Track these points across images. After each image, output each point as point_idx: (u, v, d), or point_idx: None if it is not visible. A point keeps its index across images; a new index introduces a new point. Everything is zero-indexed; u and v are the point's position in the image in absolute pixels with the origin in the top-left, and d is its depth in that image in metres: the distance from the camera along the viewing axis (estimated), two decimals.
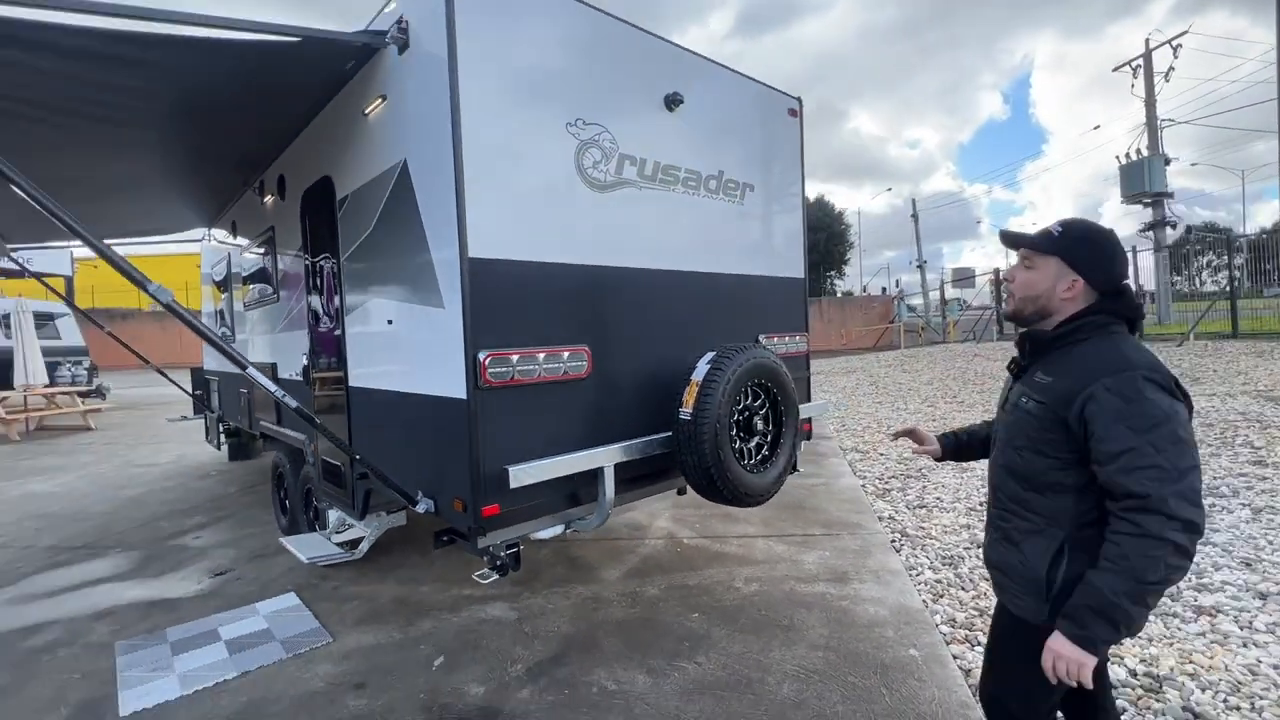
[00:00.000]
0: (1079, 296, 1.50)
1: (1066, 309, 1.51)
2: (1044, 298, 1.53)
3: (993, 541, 1.63)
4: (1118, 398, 1.32)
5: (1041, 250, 1.54)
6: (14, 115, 2.68)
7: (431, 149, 2.38)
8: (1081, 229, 1.53)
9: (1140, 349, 1.42)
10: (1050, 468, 1.45)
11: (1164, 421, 1.29)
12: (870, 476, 5.99)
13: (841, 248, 38.16)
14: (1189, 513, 1.25)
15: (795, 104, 3.84)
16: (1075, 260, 1.50)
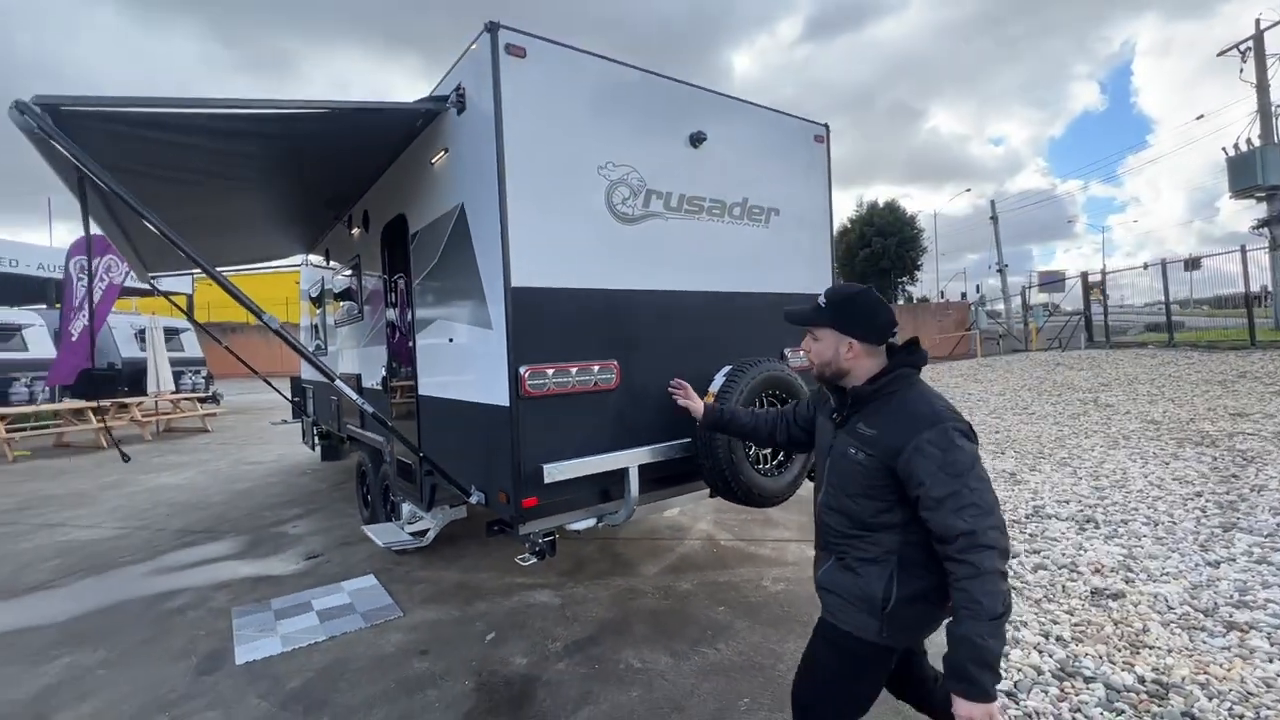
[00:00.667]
0: (860, 354, 1.70)
1: (860, 366, 1.71)
2: (833, 363, 1.73)
3: (827, 568, 1.76)
4: (937, 449, 1.51)
5: (816, 324, 1.76)
6: (154, 177, 3.34)
7: (483, 194, 2.81)
8: (841, 296, 1.74)
9: (940, 399, 1.63)
10: (880, 510, 1.63)
11: (972, 465, 1.50)
12: None
13: (914, 252, 36.76)
14: (1004, 541, 1.46)
15: (822, 130, 4.06)
16: (843, 326, 1.71)
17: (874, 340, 1.71)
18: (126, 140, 2.65)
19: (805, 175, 3.96)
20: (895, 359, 1.71)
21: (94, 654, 3.30)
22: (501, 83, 2.65)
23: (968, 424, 1.58)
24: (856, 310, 1.72)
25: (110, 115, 2.34)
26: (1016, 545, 4.22)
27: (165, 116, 2.46)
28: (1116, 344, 19.80)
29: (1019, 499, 5.33)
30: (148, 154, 2.90)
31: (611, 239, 3.01)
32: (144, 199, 3.30)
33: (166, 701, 2.81)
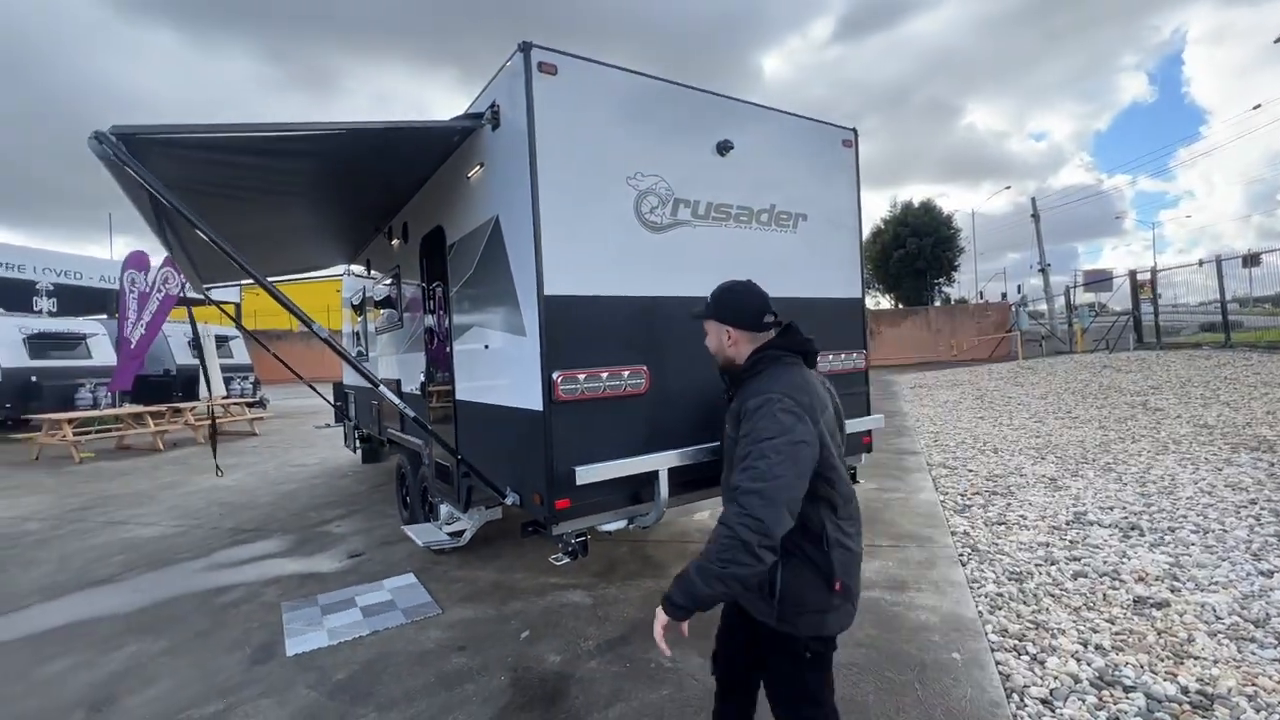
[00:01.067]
0: (740, 340, 1.85)
1: (741, 351, 1.85)
2: (721, 351, 1.91)
3: None
4: (754, 414, 1.61)
5: (704, 318, 1.96)
6: (211, 194, 3.56)
7: (517, 206, 2.92)
8: (718, 291, 1.95)
9: (794, 378, 1.69)
10: None
11: (778, 436, 1.54)
12: (952, 492, 5.90)
13: (951, 252, 35.94)
14: (761, 512, 1.45)
15: (850, 135, 4.07)
16: (721, 316, 1.88)
17: (748, 326, 1.85)
18: (189, 163, 2.85)
19: (833, 180, 3.97)
20: (768, 342, 1.83)
21: (156, 643, 3.52)
22: (534, 99, 2.76)
23: (805, 403, 1.63)
24: (729, 301, 1.90)
25: (177, 141, 2.53)
26: (1055, 552, 4.14)
27: (224, 140, 2.64)
28: (1168, 345, 19.00)
29: (1059, 505, 5.20)
30: (207, 174, 3.11)
31: (640, 247, 3.09)
32: (201, 215, 3.52)
33: (224, 688, 2.98)
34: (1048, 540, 4.41)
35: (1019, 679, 2.70)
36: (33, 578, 4.75)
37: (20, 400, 13.78)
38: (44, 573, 4.86)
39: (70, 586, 4.54)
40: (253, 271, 2.54)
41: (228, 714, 2.77)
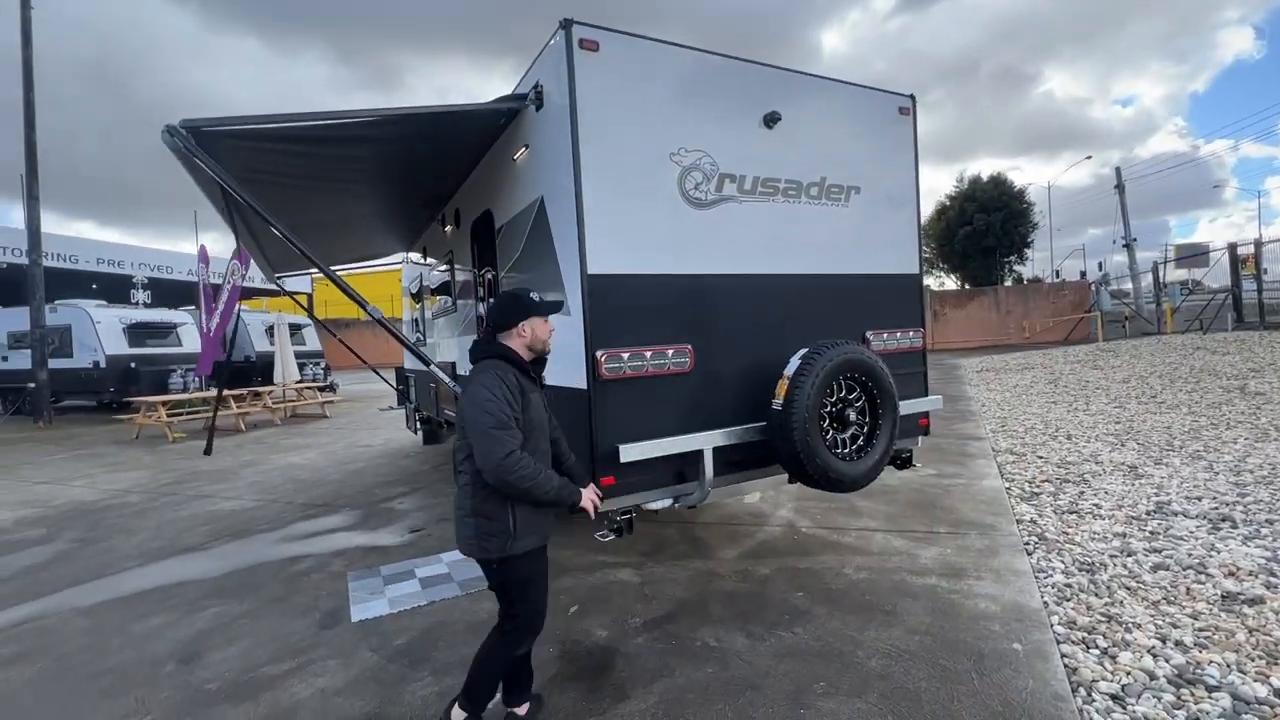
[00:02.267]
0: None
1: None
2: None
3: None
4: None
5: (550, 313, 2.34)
6: (277, 184, 3.74)
7: (561, 185, 2.93)
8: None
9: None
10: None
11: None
12: (1019, 480, 5.61)
13: (1023, 228, 33.86)
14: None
15: (907, 102, 3.87)
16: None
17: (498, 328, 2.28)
18: (255, 153, 3.01)
19: (889, 150, 3.80)
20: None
21: (237, 606, 3.79)
22: (576, 76, 2.75)
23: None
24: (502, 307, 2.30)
25: (241, 132, 2.66)
26: (1133, 543, 3.87)
27: (285, 130, 2.77)
28: (1272, 324, 17.37)
29: (1139, 494, 4.86)
30: (273, 164, 3.27)
31: (684, 224, 3.05)
32: (268, 205, 3.69)
33: (296, 649, 3.19)
34: (1125, 531, 4.13)
35: (1087, 673, 2.55)
36: (132, 544, 5.20)
37: (122, 384, 15.08)
38: (141, 540, 5.31)
39: (163, 553, 4.95)
40: (312, 256, 2.66)
41: (299, 671, 2.96)
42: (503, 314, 2.25)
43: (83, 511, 6.40)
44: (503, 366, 2.16)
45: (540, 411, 2.27)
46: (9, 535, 5.66)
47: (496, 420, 2.01)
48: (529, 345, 2.26)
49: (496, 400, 2.04)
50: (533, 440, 2.18)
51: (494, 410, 2.02)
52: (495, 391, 2.06)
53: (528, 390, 2.21)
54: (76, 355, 15.34)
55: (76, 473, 8.52)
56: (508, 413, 2.04)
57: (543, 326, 2.27)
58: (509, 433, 2.02)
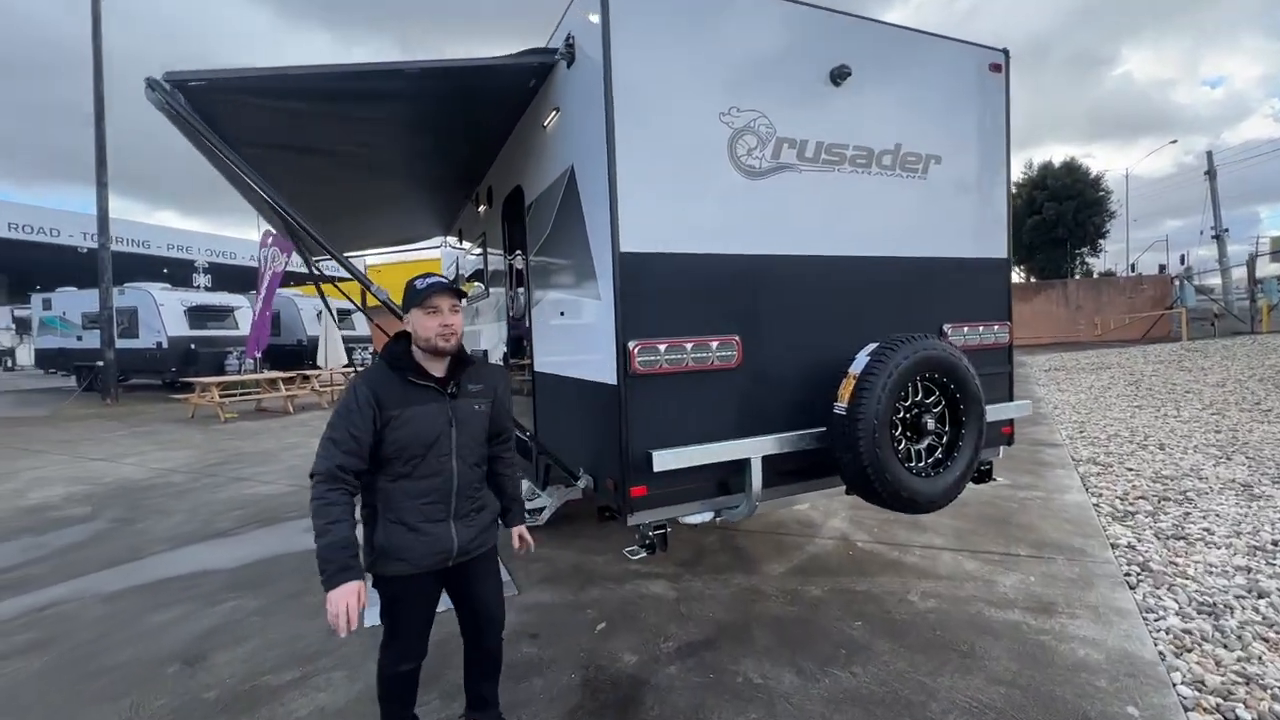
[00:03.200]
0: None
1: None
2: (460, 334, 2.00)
3: (477, 524, 2.03)
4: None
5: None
6: (296, 149, 3.46)
7: (592, 152, 2.56)
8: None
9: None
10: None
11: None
12: (1108, 495, 4.97)
13: (1098, 218, 31.58)
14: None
15: (999, 57, 3.32)
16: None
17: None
18: (262, 113, 2.74)
19: (976, 114, 3.27)
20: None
21: (253, 601, 3.62)
22: (611, 24, 2.37)
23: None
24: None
25: (243, 86, 2.39)
26: (1263, 580, 3.26)
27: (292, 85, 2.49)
28: None
29: (1260, 519, 4.19)
30: (288, 131, 3.01)
31: (735, 196, 2.63)
32: (286, 175, 3.41)
33: (303, 655, 2.97)
34: (1249, 564, 3.51)
35: None
36: (165, 527, 5.17)
37: (182, 365, 15.66)
38: (175, 523, 5.28)
39: (194, 537, 4.88)
40: (304, 224, 2.37)
41: (301, 684, 2.73)
42: (402, 309, 2.01)
43: (127, 490, 6.49)
44: (368, 378, 1.91)
45: (433, 424, 1.92)
46: (57, 512, 5.74)
47: (328, 432, 1.84)
48: (418, 340, 1.96)
49: (339, 413, 1.85)
50: (415, 463, 1.90)
51: (327, 429, 1.84)
52: (343, 403, 1.87)
53: (411, 401, 1.90)
54: (142, 336, 16.01)
55: (131, 450, 8.75)
56: (340, 429, 1.83)
57: (423, 320, 1.92)
58: (328, 450, 1.82)
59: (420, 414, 1.90)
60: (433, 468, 1.92)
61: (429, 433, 1.91)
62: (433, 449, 1.91)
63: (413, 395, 1.90)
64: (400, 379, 1.90)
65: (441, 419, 1.93)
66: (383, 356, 1.96)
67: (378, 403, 1.85)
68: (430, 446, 1.90)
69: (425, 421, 1.90)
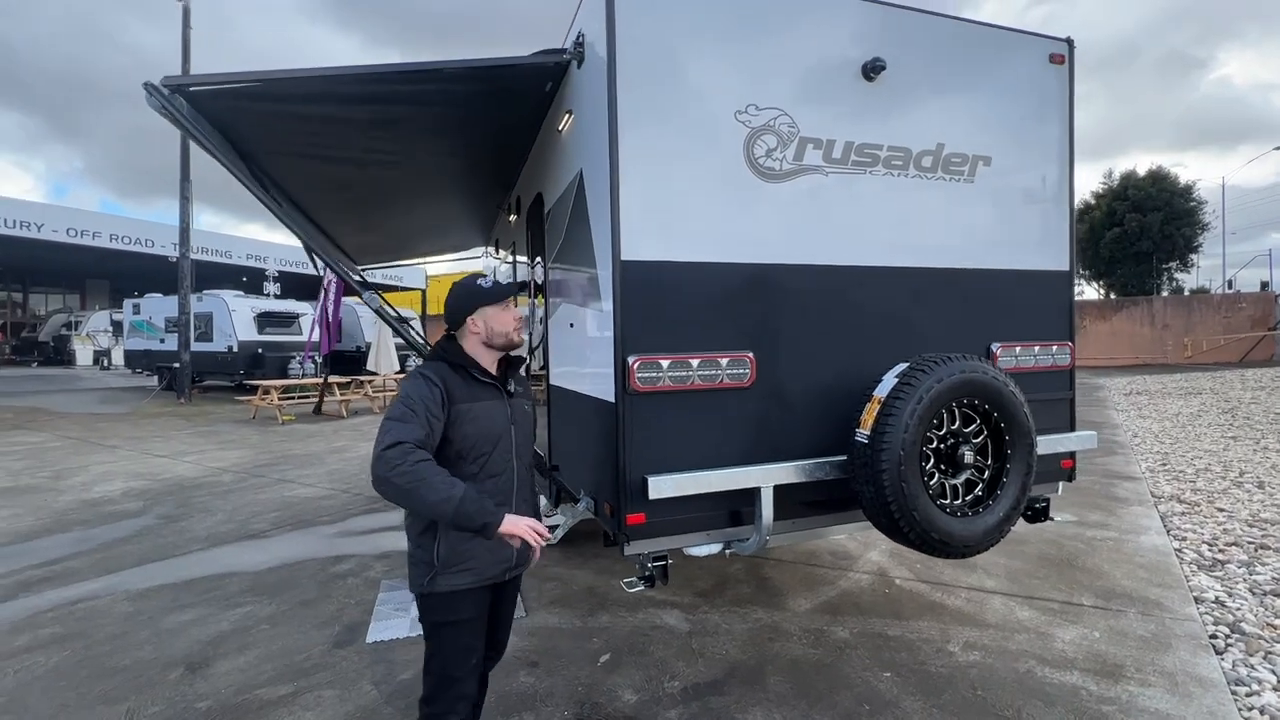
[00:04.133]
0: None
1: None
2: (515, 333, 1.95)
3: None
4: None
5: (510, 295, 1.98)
6: (319, 158, 3.47)
7: (598, 154, 2.42)
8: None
9: None
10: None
11: None
12: (1193, 539, 4.40)
13: (1189, 231, 29.18)
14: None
15: (1062, 48, 2.99)
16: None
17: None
18: (277, 120, 2.74)
19: (1032, 111, 2.94)
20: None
21: (267, 607, 3.62)
22: (616, 15, 2.23)
23: None
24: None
25: (251, 93, 2.38)
26: None
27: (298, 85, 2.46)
28: None
29: None
30: (301, 132, 3.00)
31: (752, 200, 2.43)
32: (316, 183, 3.40)
33: (300, 670, 2.91)
34: None
35: None
36: (205, 526, 5.32)
37: (250, 368, 16.54)
38: (215, 522, 5.43)
39: (229, 537, 5.00)
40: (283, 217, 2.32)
41: (292, 701, 2.66)
42: (451, 310, 1.92)
43: (180, 487, 6.77)
44: (433, 369, 1.82)
45: (497, 421, 1.87)
46: (114, 506, 6.03)
47: (394, 414, 1.70)
48: (486, 341, 1.89)
49: (402, 405, 1.72)
50: (483, 461, 1.82)
51: (394, 412, 1.71)
52: (410, 389, 1.77)
53: (477, 396, 1.83)
54: (215, 340, 17.02)
55: (192, 448, 9.20)
56: (414, 411, 1.70)
57: (499, 315, 1.89)
58: (403, 426, 1.66)
59: (487, 409, 1.85)
60: (498, 466, 1.86)
61: (496, 428, 1.86)
62: (498, 446, 1.86)
63: (477, 391, 1.84)
64: (463, 375, 1.84)
65: (503, 415, 1.89)
66: (439, 355, 1.88)
67: (448, 392, 1.78)
68: (496, 443, 1.86)
69: (492, 417, 1.85)
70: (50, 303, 41.39)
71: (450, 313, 1.92)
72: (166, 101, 2.09)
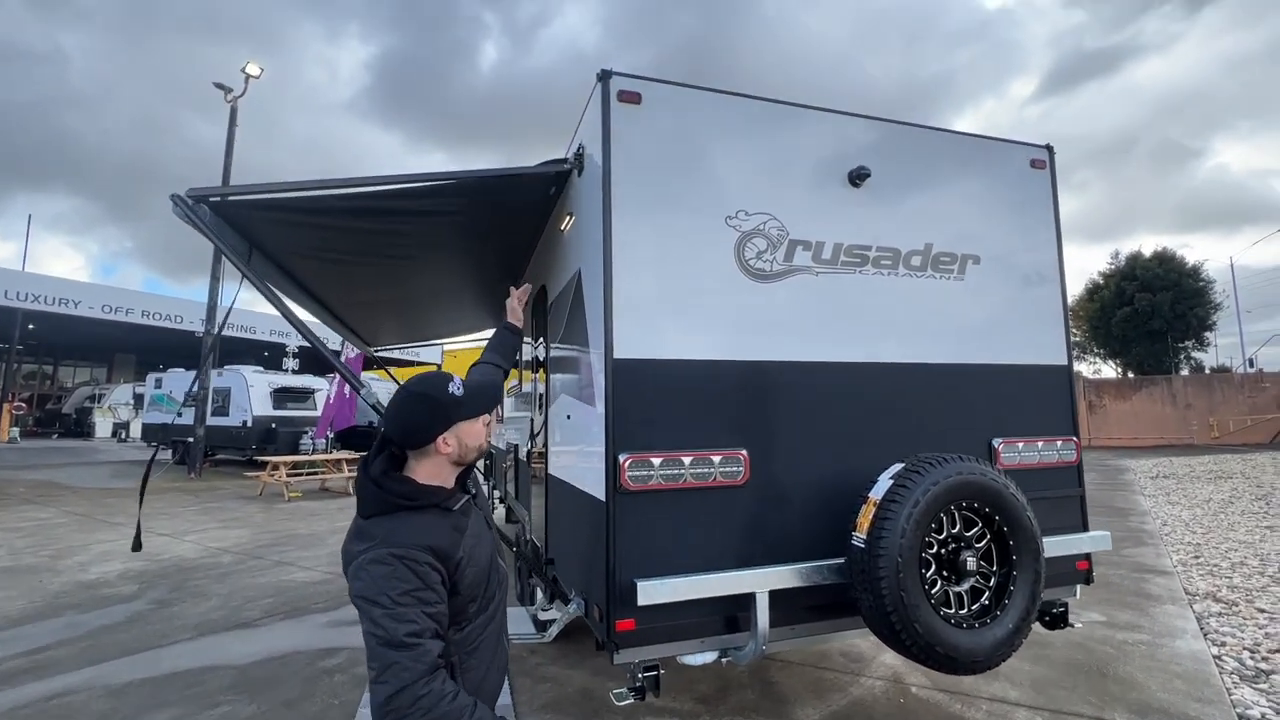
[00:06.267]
0: None
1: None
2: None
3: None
4: None
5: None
6: (330, 260, 3.66)
7: (594, 256, 2.52)
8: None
9: None
10: None
11: None
12: (1233, 644, 4.11)
13: (1200, 309, 29.18)
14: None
15: (1042, 153, 3.13)
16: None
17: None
18: (290, 227, 2.91)
19: (1018, 211, 3.04)
20: None
21: (248, 707, 3.47)
22: (611, 131, 2.39)
23: None
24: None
25: (269, 204, 2.55)
26: None
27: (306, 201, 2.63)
28: None
29: None
30: (314, 237, 3.18)
31: (743, 300, 2.49)
32: (333, 280, 3.56)
33: None
34: None
35: None
36: (196, 612, 5.19)
37: (263, 442, 16.63)
38: (208, 608, 5.30)
39: (219, 625, 4.86)
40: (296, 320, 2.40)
41: None
42: (413, 427, 1.50)
43: (178, 569, 6.66)
44: (405, 538, 1.39)
45: (484, 541, 1.58)
46: (108, 589, 5.92)
47: (394, 635, 1.28)
48: (458, 460, 1.55)
49: (398, 603, 1.31)
50: (483, 597, 1.53)
51: (383, 632, 1.28)
52: (394, 590, 1.32)
53: (461, 529, 1.50)
54: (231, 415, 17.24)
55: (194, 526, 9.12)
56: (415, 622, 1.31)
57: (474, 429, 1.56)
58: (415, 651, 1.28)
59: (474, 537, 1.53)
60: (492, 591, 1.58)
61: (486, 550, 1.58)
62: (492, 568, 1.59)
63: (457, 522, 1.50)
64: (437, 514, 1.47)
65: (483, 529, 1.61)
66: (400, 502, 1.44)
67: (440, 558, 1.41)
68: (491, 561, 1.59)
69: (480, 539, 1.56)
70: (79, 375, 42.57)
71: (410, 431, 1.50)
72: (190, 210, 2.24)
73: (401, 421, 1.52)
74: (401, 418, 1.52)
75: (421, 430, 1.50)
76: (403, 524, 1.41)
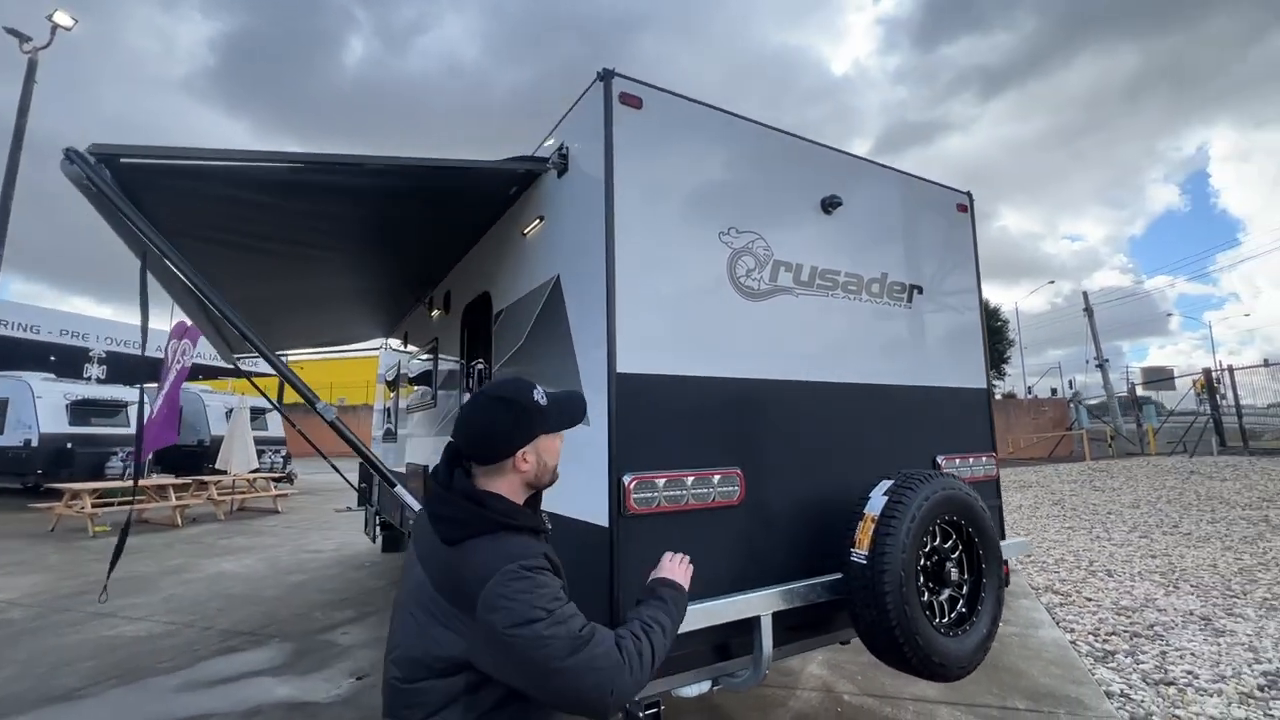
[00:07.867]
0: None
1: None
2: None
3: None
4: None
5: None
6: (232, 245, 3.11)
7: (585, 263, 2.37)
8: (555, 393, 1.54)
9: None
10: None
11: None
12: (1080, 630, 4.81)
13: (1000, 345, 34.78)
14: None
15: (964, 198, 3.51)
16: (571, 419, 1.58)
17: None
18: (202, 201, 2.41)
19: (948, 248, 3.37)
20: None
21: None
22: (614, 136, 2.26)
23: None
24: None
25: (181, 170, 2.07)
26: None
27: (240, 170, 2.19)
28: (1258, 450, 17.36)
29: (1233, 658, 4.09)
30: (224, 217, 2.67)
31: (735, 317, 2.47)
32: (220, 270, 3.02)
33: None
34: (1245, 715, 3.34)
35: None
36: None
37: (52, 467, 13.57)
38: (3, 679, 4.15)
39: (23, 702, 3.82)
40: (251, 336, 1.99)
41: None
42: (495, 436, 1.34)
43: None
44: (534, 556, 1.27)
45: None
46: None
47: (570, 643, 1.18)
48: (534, 481, 1.41)
49: (555, 598, 1.23)
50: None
51: (558, 630, 1.18)
52: (552, 597, 1.23)
53: (551, 557, 1.36)
54: (8, 433, 13.94)
55: None
56: (575, 611, 1.26)
57: (553, 447, 1.44)
58: (593, 645, 1.22)
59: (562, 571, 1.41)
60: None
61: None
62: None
63: (548, 550, 1.37)
64: (530, 536, 1.34)
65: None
66: (504, 520, 1.30)
67: (555, 572, 1.34)
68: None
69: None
70: None
71: (490, 440, 1.34)
72: (91, 171, 1.75)
73: (481, 428, 1.34)
74: (482, 425, 1.35)
75: (502, 440, 1.34)
76: (508, 543, 1.26)
